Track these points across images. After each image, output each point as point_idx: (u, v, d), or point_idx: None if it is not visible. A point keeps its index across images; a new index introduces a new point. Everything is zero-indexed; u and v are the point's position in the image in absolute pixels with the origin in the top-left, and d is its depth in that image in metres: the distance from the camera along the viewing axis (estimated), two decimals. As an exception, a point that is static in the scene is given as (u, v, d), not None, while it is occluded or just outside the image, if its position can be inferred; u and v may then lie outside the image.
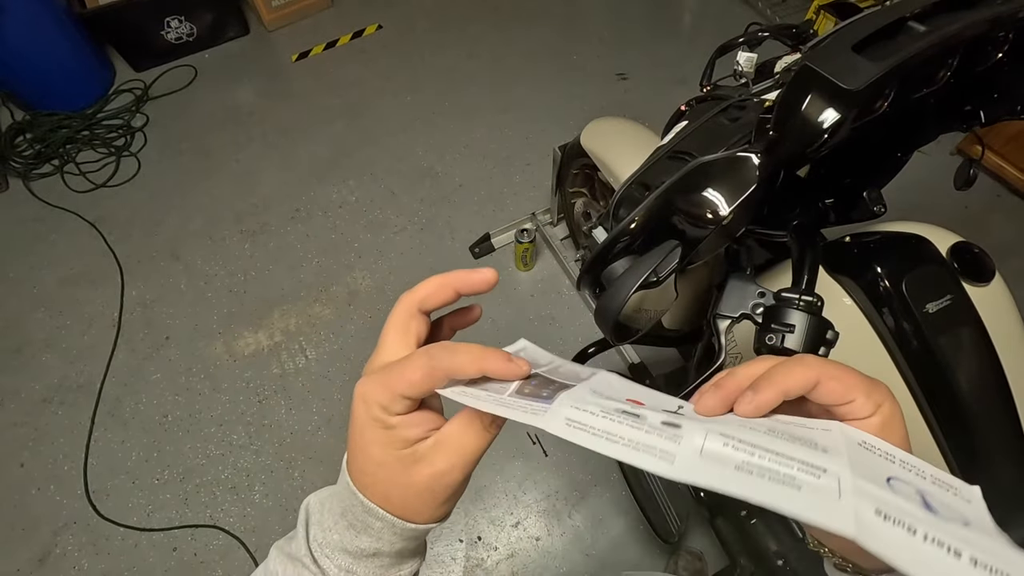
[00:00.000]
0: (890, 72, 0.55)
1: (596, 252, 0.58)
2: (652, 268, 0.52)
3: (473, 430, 0.30)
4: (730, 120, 0.63)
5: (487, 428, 0.30)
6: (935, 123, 0.77)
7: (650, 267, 0.52)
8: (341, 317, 1.81)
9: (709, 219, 0.53)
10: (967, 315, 0.72)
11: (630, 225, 0.56)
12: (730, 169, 0.54)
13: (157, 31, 2.33)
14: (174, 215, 2.05)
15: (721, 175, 0.53)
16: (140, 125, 2.29)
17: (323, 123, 2.29)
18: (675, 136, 0.64)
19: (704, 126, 0.63)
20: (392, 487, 0.30)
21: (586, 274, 0.60)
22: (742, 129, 0.60)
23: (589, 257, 0.59)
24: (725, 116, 0.64)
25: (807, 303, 0.55)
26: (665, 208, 0.54)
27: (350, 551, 0.31)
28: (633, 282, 0.52)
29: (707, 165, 0.54)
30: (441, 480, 0.30)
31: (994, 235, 1.93)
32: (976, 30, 0.59)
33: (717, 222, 0.53)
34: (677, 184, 0.54)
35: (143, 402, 1.67)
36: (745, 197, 0.53)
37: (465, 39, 2.56)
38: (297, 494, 1.51)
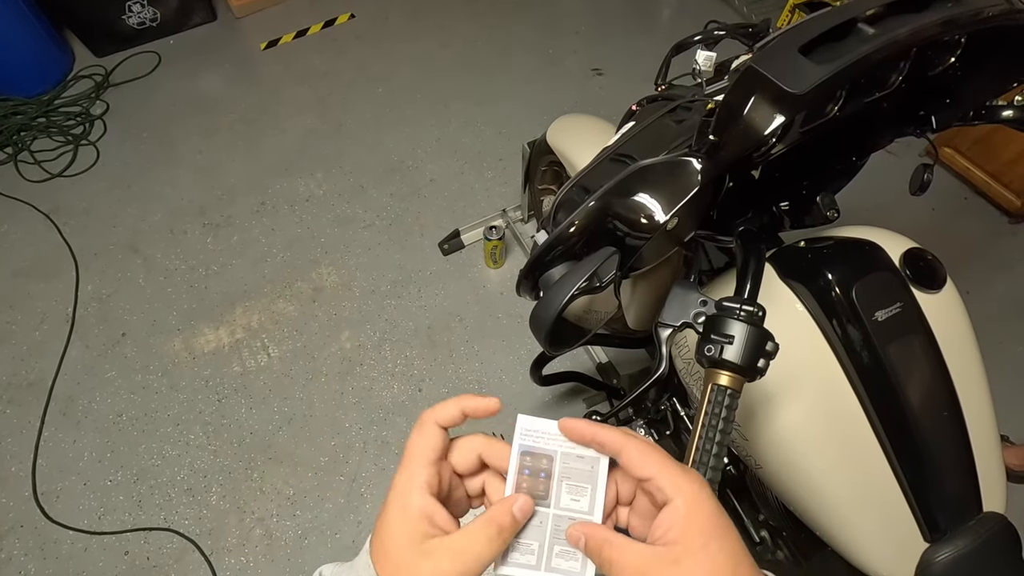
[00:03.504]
0: (836, 76, 0.53)
1: (533, 257, 0.56)
2: (587, 275, 0.50)
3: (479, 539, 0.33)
4: (676, 122, 0.61)
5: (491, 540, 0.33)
6: (889, 128, 0.76)
7: (585, 274, 0.50)
8: (305, 314, 1.76)
9: (646, 225, 0.50)
10: (916, 323, 0.71)
11: (568, 230, 0.54)
12: (670, 174, 0.52)
13: (118, 15, 2.25)
14: (133, 207, 1.98)
15: (660, 180, 0.51)
16: (100, 113, 2.21)
17: (292, 114, 2.24)
18: (620, 138, 0.62)
19: (650, 128, 0.61)
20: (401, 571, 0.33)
21: (524, 279, 0.57)
22: (687, 132, 0.58)
23: (528, 261, 0.57)
24: (672, 117, 0.62)
25: (748, 313, 0.53)
26: (603, 213, 0.52)
27: None
28: (567, 290, 0.50)
29: (646, 169, 0.52)
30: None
31: (960, 237, 1.96)
32: (926, 34, 0.58)
33: (654, 228, 0.51)
34: (615, 188, 0.52)
35: (97, 400, 1.61)
36: (684, 203, 0.51)
37: (439, 31, 2.52)
38: (256, 495, 1.47)
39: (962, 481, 0.72)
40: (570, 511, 0.37)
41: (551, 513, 0.37)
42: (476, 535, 0.33)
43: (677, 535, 0.31)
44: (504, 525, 0.34)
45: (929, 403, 0.71)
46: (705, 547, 0.31)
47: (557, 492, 0.37)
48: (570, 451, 0.37)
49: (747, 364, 0.52)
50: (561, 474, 0.37)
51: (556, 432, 0.37)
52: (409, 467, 0.35)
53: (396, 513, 0.34)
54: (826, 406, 0.71)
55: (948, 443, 0.71)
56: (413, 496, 0.34)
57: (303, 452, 1.54)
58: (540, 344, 0.54)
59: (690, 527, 0.31)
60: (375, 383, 1.64)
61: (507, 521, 0.35)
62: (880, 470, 0.70)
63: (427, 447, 0.35)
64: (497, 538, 0.34)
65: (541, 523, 0.37)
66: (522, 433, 0.37)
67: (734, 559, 0.31)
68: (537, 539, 0.37)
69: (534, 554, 0.36)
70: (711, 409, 0.53)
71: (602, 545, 0.33)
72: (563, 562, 0.36)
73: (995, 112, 0.72)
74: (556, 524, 0.37)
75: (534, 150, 1.50)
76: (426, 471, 0.35)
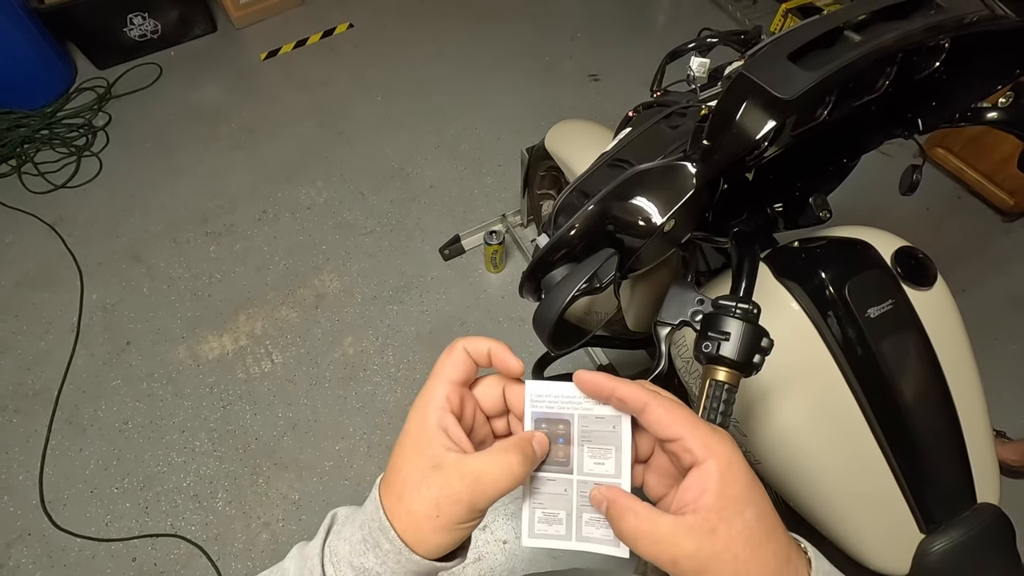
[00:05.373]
0: (824, 81, 0.56)
1: (536, 259, 0.57)
2: (587, 277, 0.52)
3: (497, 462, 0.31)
4: (671, 127, 0.63)
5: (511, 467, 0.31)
6: (878, 130, 0.78)
7: (585, 275, 0.52)
8: (308, 320, 1.78)
9: (644, 228, 0.52)
10: (908, 319, 0.73)
11: (569, 233, 0.56)
12: (665, 178, 0.54)
13: (120, 28, 2.28)
14: (137, 216, 2.00)
15: (657, 184, 0.53)
16: (102, 124, 2.23)
17: (292, 123, 2.26)
18: (617, 143, 0.64)
19: (646, 133, 0.63)
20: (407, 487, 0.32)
21: (527, 281, 0.59)
22: (681, 137, 0.60)
23: (530, 264, 0.59)
24: (667, 123, 0.64)
25: (743, 311, 0.55)
26: (602, 216, 0.54)
27: (355, 566, 0.32)
28: (568, 291, 0.52)
29: (643, 174, 0.54)
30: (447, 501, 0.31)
31: (954, 236, 1.98)
32: (910, 40, 0.60)
33: (652, 231, 0.53)
34: (613, 192, 0.54)
35: (102, 409, 1.63)
36: (680, 206, 0.53)
37: (437, 38, 2.55)
38: (261, 501, 1.48)
39: (956, 473, 0.73)
40: (595, 476, 0.34)
41: (575, 480, 0.35)
42: (495, 458, 0.31)
43: (711, 501, 0.29)
44: (526, 453, 0.32)
45: (922, 397, 0.72)
46: (741, 514, 0.29)
47: (579, 457, 0.35)
48: (588, 412, 0.35)
49: (743, 360, 0.54)
50: (581, 437, 0.35)
51: (571, 394, 0.35)
52: (432, 383, 0.34)
53: (413, 426, 0.33)
54: (822, 402, 0.73)
55: (941, 436, 0.73)
56: (431, 409, 0.33)
57: (308, 457, 1.55)
58: (544, 343, 0.56)
59: (725, 492, 0.29)
60: (378, 388, 1.66)
61: (528, 449, 0.33)
62: (876, 463, 0.72)
63: (453, 367, 0.34)
64: (519, 466, 0.31)
65: (565, 491, 0.35)
66: (533, 400, 0.35)
67: (770, 528, 0.30)
68: (564, 508, 0.35)
69: (563, 523, 0.35)
70: (710, 404, 0.55)
71: (625, 514, 0.31)
72: (594, 530, 0.34)
73: (980, 114, 0.74)
74: (582, 491, 0.35)
75: (533, 155, 1.52)
76: (448, 387, 0.34)
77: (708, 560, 0.28)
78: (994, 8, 0.62)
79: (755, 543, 0.29)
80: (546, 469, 0.35)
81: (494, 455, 0.32)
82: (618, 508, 0.31)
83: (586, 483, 0.35)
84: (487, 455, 0.32)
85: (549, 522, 0.35)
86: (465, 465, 0.31)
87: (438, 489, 0.31)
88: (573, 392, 0.35)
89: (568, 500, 0.35)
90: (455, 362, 0.35)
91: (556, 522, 0.35)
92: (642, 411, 0.32)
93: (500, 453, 0.32)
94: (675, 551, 0.29)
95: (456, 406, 0.34)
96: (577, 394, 0.35)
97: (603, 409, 0.35)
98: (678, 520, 0.29)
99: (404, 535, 0.31)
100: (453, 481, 0.31)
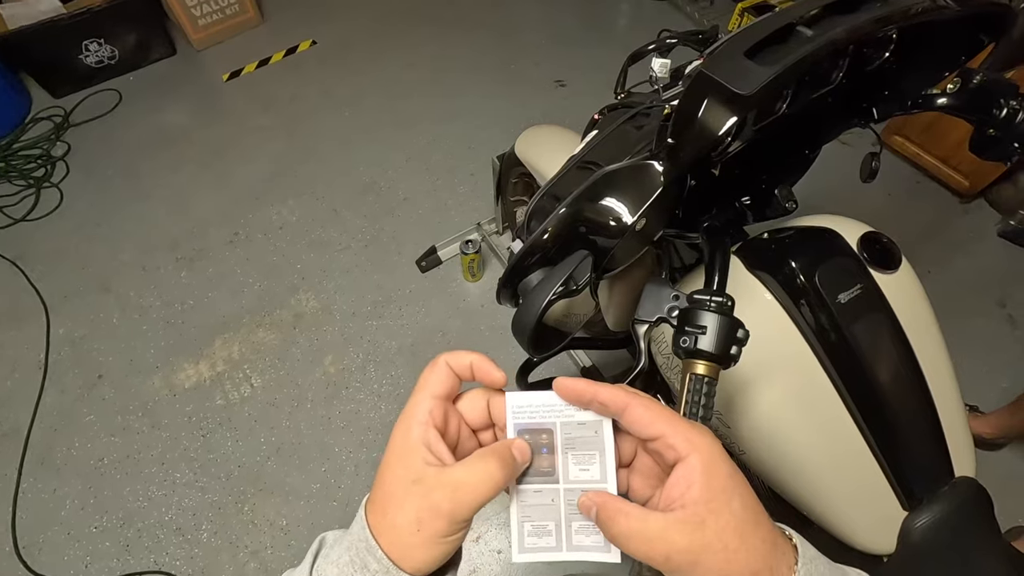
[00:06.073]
0: (781, 75, 0.57)
1: (511, 265, 0.58)
2: (563, 279, 0.52)
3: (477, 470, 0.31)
4: (636, 128, 0.64)
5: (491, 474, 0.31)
6: (836, 121, 0.80)
7: (561, 278, 0.52)
8: (287, 341, 1.75)
9: (615, 227, 0.53)
10: (877, 302, 0.75)
11: (542, 237, 0.56)
12: (634, 178, 0.55)
13: (75, 55, 2.23)
14: (102, 246, 1.95)
15: (625, 184, 0.54)
16: (61, 154, 2.17)
17: (259, 142, 2.23)
18: (585, 146, 0.65)
19: (612, 135, 0.64)
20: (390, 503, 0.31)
21: (503, 287, 0.59)
22: (647, 137, 0.61)
23: (505, 270, 0.59)
24: (632, 124, 0.65)
25: (718, 304, 0.56)
26: (573, 219, 0.55)
27: None
28: (545, 295, 0.52)
29: (612, 174, 0.55)
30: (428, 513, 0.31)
31: (916, 219, 2.04)
32: (859, 33, 0.62)
33: (623, 230, 0.53)
34: (583, 195, 0.54)
35: (76, 446, 1.57)
36: (649, 203, 0.54)
37: (403, 51, 2.55)
38: (248, 529, 1.45)
39: (933, 449, 0.75)
40: (581, 483, 0.34)
41: (561, 488, 0.35)
42: (474, 466, 0.31)
43: (698, 494, 0.29)
44: (505, 458, 0.32)
45: (896, 377, 0.74)
46: (728, 504, 0.29)
47: (564, 465, 0.35)
48: (569, 419, 0.35)
49: (721, 352, 0.55)
50: (564, 445, 0.35)
51: (551, 402, 0.35)
52: (415, 398, 0.34)
53: (396, 442, 0.33)
54: (800, 388, 0.74)
55: (916, 414, 0.75)
56: (414, 425, 0.33)
57: (294, 481, 1.52)
58: (524, 349, 0.56)
59: (711, 484, 0.29)
60: (362, 405, 1.64)
61: (507, 455, 0.32)
62: (856, 446, 0.74)
63: (435, 381, 0.34)
64: (498, 472, 0.31)
65: (553, 501, 0.35)
66: (514, 411, 0.35)
67: (756, 516, 0.30)
68: (552, 519, 0.34)
69: (552, 535, 0.34)
70: (691, 397, 0.56)
71: (615, 516, 0.31)
72: (584, 538, 0.34)
73: (931, 100, 0.77)
74: (569, 499, 0.34)
75: (504, 163, 1.53)
76: (431, 402, 0.34)
77: (700, 553, 0.29)
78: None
79: (744, 532, 0.29)
80: (532, 481, 0.35)
81: (472, 463, 0.32)
82: (608, 511, 0.31)
83: (573, 491, 0.35)
84: (466, 464, 0.32)
85: (539, 535, 0.34)
86: (445, 476, 0.31)
87: (419, 501, 0.31)
88: (554, 400, 0.35)
89: (556, 510, 0.35)
90: (438, 377, 0.35)
91: (546, 534, 0.34)
92: (623, 412, 0.32)
93: (478, 460, 0.32)
94: (667, 547, 0.29)
95: (439, 421, 0.34)
96: (558, 402, 0.35)
97: (584, 415, 0.35)
98: (668, 516, 0.29)
99: (390, 552, 0.31)
100: (433, 493, 0.31)
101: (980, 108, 0.75)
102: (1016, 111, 0.73)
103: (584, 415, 0.35)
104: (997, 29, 0.74)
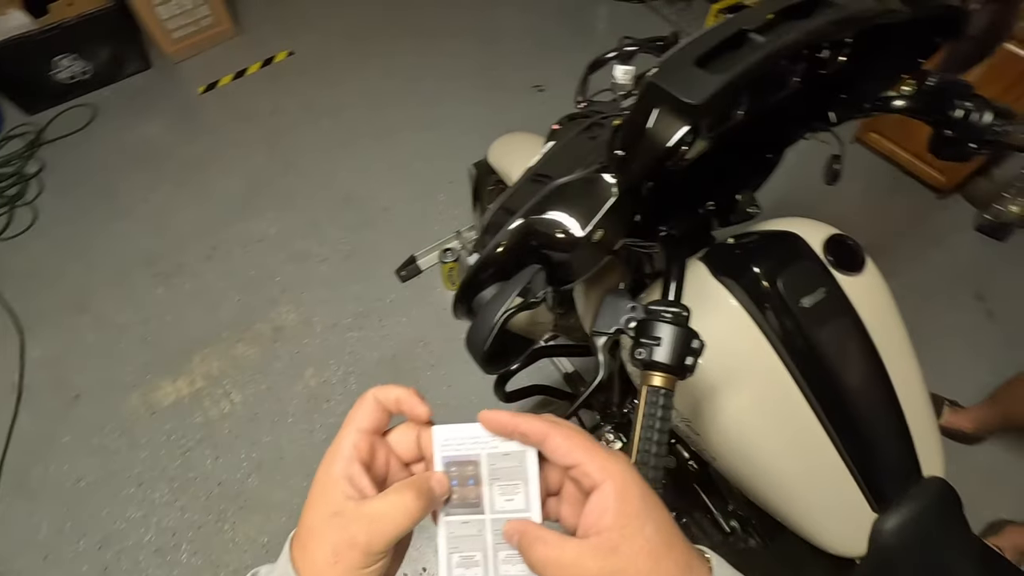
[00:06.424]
0: (731, 83, 0.57)
1: (465, 279, 0.57)
2: (514, 294, 0.52)
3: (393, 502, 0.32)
4: (591, 138, 0.63)
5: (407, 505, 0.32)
6: (796, 125, 0.80)
7: (512, 293, 0.52)
8: (267, 355, 1.74)
9: (566, 240, 0.53)
10: (840, 305, 0.75)
11: (495, 251, 0.56)
12: (585, 190, 0.54)
13: (46, 71, 2.20)
14: (78, 264, 1.93)
15: (575, 197, 0.54)
16: (35, 171, 2.15)
17: (237, 155, 2.22)
18: (541, 158, 0.65)
19: (567, 146, 0.64)
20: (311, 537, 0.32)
21: (458, 302, 0.59)
22: (601, 147, 0.60)
23: (460, 284, 0.58)
24: (588, 134, 0.65)
25: (673, 314, 0.56)
26: (525, 233, 0.54)
27: None
28: (496, 310, 0.52)
29: (562, 187, 0.54)
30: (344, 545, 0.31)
31: (894, 215, 2.06)
32: (811, 38, 0.62)
33: (575, 243, 0.53)
34: (534, 208, 0.54)
35: (52, 469, 1.55)
36: (602, 216, 0.54)
37: (381, 59, 2.54)
38: (228, 547, 1.43)
39: (900, 450, 0.75)
40: (506, 512, 0.35)
41: (488, 519, 0.35)
42: (389, 498, 0.32)
43: (611, 520, 0.30)
44: (422, 490, 0.33)
45: (861, 380, 0.74)
46: (641, 530, 0.30)
47: (490, 496, 0.36)
48: (495, 450, 0.35)
49: (676, 363, 0.54)
50: (491, 476, 0.36)
51: (477, 434, 0.36)
52: (341, 432, 0.35)
53: (319, 476, 0.34)
54: (767, 394, 0.74)
55: (882, 415, 0.75)
56: (337, 459, 0.33)
57: (276, 496, 1.51)
58: (478, 365, 0.55)
59: (624, 510, 0.30)
60: (344, 418, 1.61)
61: (425, 487, 0.33)
62: (823, 449, 0.74)
63: (362, 416, 0.35)
64: (413, 503, 0.32)
65: (479, 532, 0.35)
66: (441, 445, 0.36)
67: (669, 539, 0.31)
68: (479, 549, 0.35)
69: (479, 565, 0.35)
70: (648, 410, 0.55)
71: (534, 543, 0.32)
72: (511, 567, 0.35)
73: (888, 103, 0.78)
74: (496, 529, 0.35)
75: (480, 171, 1.52)
76: (356, 435, 0.34)
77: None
78: (885, 2, 0.64)
79: (656, 556, 0.30)
80: (460, 512, 0.36)
81: (389, 495, 0.32)
82: (528, 539, 0.32)
83: (499, 520, 0.35)
84: (382, 496, 0.32)
85: (467, 565, 0.35)
86: (362, 508, 0.31)
87: (337, 533, 0.31)
88: (480, 432, 0.35)
89: (483, 541, 0.36)
90: (364, 411, 0.35)
91: (473, 564, 0.35)
92: (543, 442, 0.33)
93: (394, 493, 0.32)
94: (581, 573, 0.29)
95: (365, 454, 0.34)
96: (484, 434, 0.35)
97: (509, 445, 0.35)
98: (582, 543, 0.30)
99: None
100: (350, 524, 0.31)
101: (936, 109, 0.76)
102: (971, 111, 0.74)
103: (509, 445, 0.35)
104: (951, 30, 0.75)
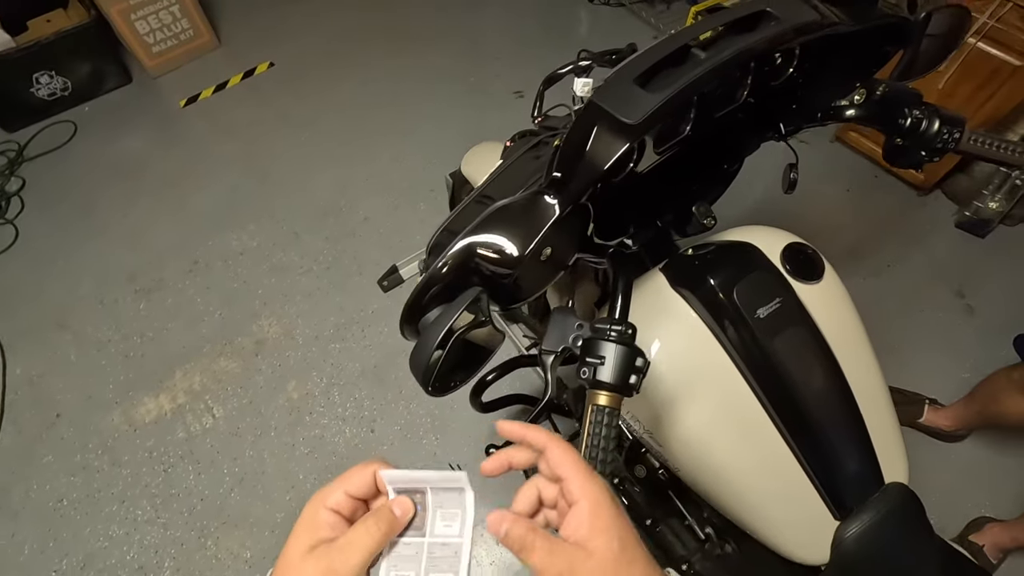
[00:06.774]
0: (669, 101, 0.57)
1: (409, 301, 0.57)
2: (456, 316, 0.52)
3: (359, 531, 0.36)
4: (536, 158, 0.63)
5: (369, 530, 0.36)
6: (751, 136, 0.81)
7: (453, 316, 0.52)
8: (248, 369, 1.73)
9: (508, 261, 0.53)
10: (796, 315, 0.75)
11: (439, 272, 0.56)
12: (525, 212, 0.54)
13: (25, 89, 2.20)
14: (59, 281, 1.92)
15: (515, 219, 0.54)
16: (15, 189, 2.15)
17: (218, 169, 2.22)
18: (487, 179, 0.65)
19: (513, 166, 0.64)
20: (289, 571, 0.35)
21: (405, 323, 0.59)
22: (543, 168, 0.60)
23: (405, 304, 0.58)
24: (534, 153, 0.65)
25: (618, 332, 0.56)
26: (467, 255, 0.54)
27: None
28: (437, 334, 0.52)
29: (502, 210, 0.54)
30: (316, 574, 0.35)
31: (875, 214, 2.06)
32: (752, 53, 0.62)
33: (516, 264, 0.53)
34: (475, 230, 0.54)
35: (34, 489, 1.54)
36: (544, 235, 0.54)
37: (361, 69, 2.54)
38: (211, 564, 1.43)
39: (861, 458, 0.76)
40: (443, 536, 0.40)
41: (426, 542, 0.39)
42: (356, 528, 0.37)
43: (585, 534, 0.36)
44: (383, 515, 0.37)
45: (819, 389, 0.75)
46: (609, 544, 0.36)
47: (432, 521, 0.40)
48: (439, 486, 0.40)
49: (620, 382, 0.55)
50: (434, 504, 0.40)
51: (422, 477, 0.40)
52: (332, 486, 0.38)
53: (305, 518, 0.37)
54: (725, 404, 0.74)
55: (841, 424, 0.75)
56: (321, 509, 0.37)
57: (258, 511, 1.50)
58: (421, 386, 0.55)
59: (595, 525, 0.36)
60: (326, 430, 1.62)
61: (385, 514, 0.38)
62: (783, 459, 0.74)
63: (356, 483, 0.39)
64: (375, 528, 0.36)
65: (417, 553, 0.39)
66: (391, 482, 0.40)
67: (632, 553, 0.37)
68: (413, 568, 0.39)
69: None
70: (593, 429, 0.55)
71: (527, 535, 0.36)
72: None
73: (839, 112, 0.78)
74: (431, 552, 0.39)
75: (455, 181, 1.52)
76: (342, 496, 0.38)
77: None
78: (825, 15, 0.65)
79: (618, 566, 0.36)
80: (404, 534, 0.40)
81: (356, 525, 0.37)
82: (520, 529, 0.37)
83: (435, 544, 0.39)
84: (353, 528, 0.37)
85: None
86: (336, 541, 0.36)
87: (313, 564, 0.35)
88: (428, 475, 0.40)
89: (418, 561, 0.39)
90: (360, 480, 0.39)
91: None
92: (544, 450, 0.39)
93: (360, 523, 0.37)
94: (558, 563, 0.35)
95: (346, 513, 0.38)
96: (432, 476, 0.39)
97: (453, 482, 0.39)
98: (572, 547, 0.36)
99: None
100: (327, 555, 0.35)
101: (886, 118, 0.76)
102: (920, 120, 0.74)
103: (453, 482, 0.39)
104: (900, 40, 0.75)
